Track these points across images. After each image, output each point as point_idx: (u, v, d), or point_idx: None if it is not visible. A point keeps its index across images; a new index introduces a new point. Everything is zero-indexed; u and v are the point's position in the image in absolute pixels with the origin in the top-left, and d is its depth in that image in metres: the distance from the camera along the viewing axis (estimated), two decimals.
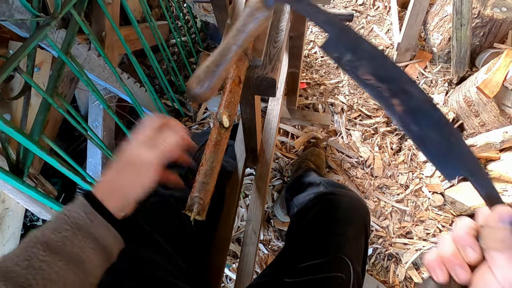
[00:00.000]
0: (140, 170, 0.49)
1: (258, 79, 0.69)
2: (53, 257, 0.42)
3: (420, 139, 0.40)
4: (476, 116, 1.44)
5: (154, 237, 0.67)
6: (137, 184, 0.49)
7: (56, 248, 0.43)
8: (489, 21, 1.45)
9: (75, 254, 0.44)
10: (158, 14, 1.80)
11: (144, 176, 0.50)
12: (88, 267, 0.45)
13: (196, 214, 0.53)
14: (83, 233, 0.45)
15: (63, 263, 0.43)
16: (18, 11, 0.87)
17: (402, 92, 0.40)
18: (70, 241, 0.44)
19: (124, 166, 0.49)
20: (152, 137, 0.52)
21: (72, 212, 0.46)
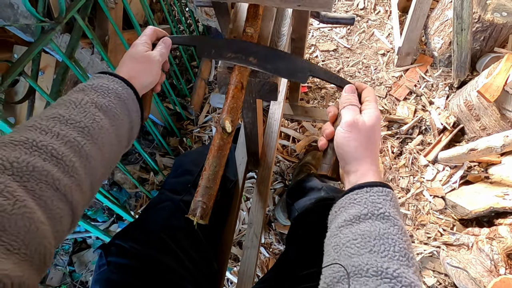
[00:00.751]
0: (150, 63, 0.61)
1: (260, 83, 0.69)
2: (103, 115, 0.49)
3: (276, 70, 0.63)
4: (477, 120, 1.44)
5: (165, 240, 0.68)
6: (149, 72, 0.61)
7: (104, 109, 0.50)
8: (489, 26, 1.46)
9: (116, 119, 0.51)
10: (161, 18, 1.82)
11: (153, 67, 0.62)
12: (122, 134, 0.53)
13: (199, 218, 0.53)
14: (121, 104, 0.53)
15: (110, 124, 0.50)
16: (23, 16, 0.88)
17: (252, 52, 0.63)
18: (114, 106, 0.51)
19: (138, 59, 0.60)
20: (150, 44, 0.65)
21: (109, 84, 0.53)
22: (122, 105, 0.53)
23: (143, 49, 0.62)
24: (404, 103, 1.64)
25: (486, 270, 1.13)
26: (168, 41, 0.67)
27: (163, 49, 0.66)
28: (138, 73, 0.59)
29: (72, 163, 0.41)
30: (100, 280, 0.63)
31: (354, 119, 0.54)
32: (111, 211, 1.48)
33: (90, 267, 1.40)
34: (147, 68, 0.61)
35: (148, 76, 0.61)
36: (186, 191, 0.78)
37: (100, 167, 0.47)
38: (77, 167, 0.42)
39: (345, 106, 0.57)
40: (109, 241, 0.68)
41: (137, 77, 0.59)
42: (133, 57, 0.61)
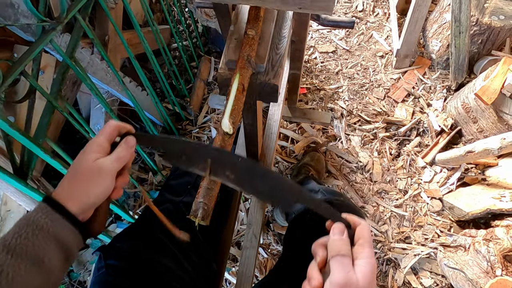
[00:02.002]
0: (99, 175, 0.51)
1: (261, 85, 0.70)
2: (17, 261, 0.43)
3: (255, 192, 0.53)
4: (474, 122, 1.46)
5: (164, 241, 0.68)
6: (96, 190, 0.51)
7: (19, 251, 0.43)
8: (487, 29, 1.47)
9: (37, 255, 0.44)
10: (160, 19, 1.82)
11: (102, 179, 0.51)
12: (51, 267, 0.46)
13: (201, 219, 0.53)
14: (43, 234, 0.46)
15: (27, 265, 0.43)
16: (23, 15, 0.88)
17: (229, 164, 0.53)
18: (31, 243, 0.44)
19: (81, 173, 0.50)
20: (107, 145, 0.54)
21: (32, 215, 0.46)
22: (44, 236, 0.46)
23: (91, 157, 0.51)
24: (402, 105, 1.65)
25: (483, 271, 1.14)
26: (131, 142, 0.55)
27: (123, 152, 0.54)
28: (79, 191, 0.50)
29: None
30: (98, 282, 0.63)
31: (346, 278, 0.44)
32: (109, 211, 1.47)
33: (88, 267, 1.40)
34: (92, 182, 0.50)
35: (94, 192, 0.50)
36: (186, 193, 0.78)
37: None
38: None
39: (334, 257, 0.47)
40: (108, 243, 0.68)
41: (76, 196, 0.49)
42: (75, 169, 0.51)
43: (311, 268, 0.49)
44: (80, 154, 0.52)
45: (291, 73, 1.27)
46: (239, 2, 0.67)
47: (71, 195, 0.49)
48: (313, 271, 0.48)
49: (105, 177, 0.51)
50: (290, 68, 1.25)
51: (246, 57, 0.63)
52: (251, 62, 0.64)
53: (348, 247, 0.48)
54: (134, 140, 0.55)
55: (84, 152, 0.52)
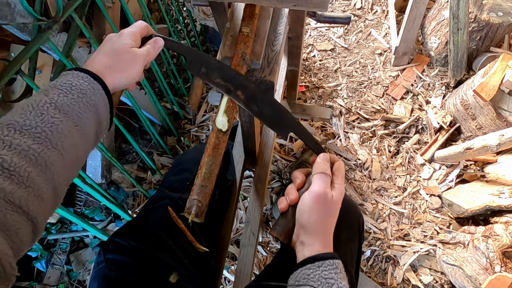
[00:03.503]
0: (133, 61, 0.55)
1: (257, 82, 0.70)
2: (63, 117, 0.45)
3: (260, 114, 0.61)
4: (473, 119, 1.45)
5: (163, 237, 0.69)
6: (129, 71, 0.55)
7: (66, 109, 0.46)
8: (485, 26, 1.47)
9: (80, 118, 0.47)
10: (158, 18, 1.82)
11: (136, 66, 0.55)
12: (88, 134, 0.49)
13: (194, 216, 0.54)
14: (86, 100, 0.48)
15: (71, 123, 0.46)
16: (20, 14, 0.88)
17: (242, 86, 0.60)
18: (77, 105, 0.47)
19: (120, 54, 0.54)
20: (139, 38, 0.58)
21: (73, 81, 0.48)
22: (87, 101, 0.49)
23: (128, 43, 0.55)
24: (401, 102, 1.65)
25: (482, 267, 1.14)
26: (160, 42, 0.60)
27: (152, 49, 0.59)
28: (115, 70, 0.53)
29: (26, 173, 0.39)
30: (98, 277, 0.63)
31: (325, 191, 0.54)
32: (108, 210, 1.48)
33: (88, 266, 1.40)
34: (127, 66, 0.54)
35: (126, 75, 0.55)
36: (185, 189, 0.78)
37: (63, 171, 0.45)
38: (34, 177, 0.40)
39: (319, 173, 0.56)
40: (108, 239, 0.68)
41: (112, 73, 0.53)
42: (114, 50, 0.54)
43: (289, 188, 0.58)
44: (115, 37, 0.56)
45: (289, 70, 1.27)
46: (235, 0, 0.67)
47: (108, 72, 0.52)
48: (291, 189, 0.58)
49: (138, 64, 0.55)
50: (288, 65, 1.25)
51: (240, 54, 0.63)
52: (245, 59, 0.64)
53: (330, 170, 0.58)
54: (162, 41, 0.61)
55: (120, 37, 0.56)
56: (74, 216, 0.94)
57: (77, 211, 1.46)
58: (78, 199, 1.49)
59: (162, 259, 0.67)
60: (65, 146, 0.45)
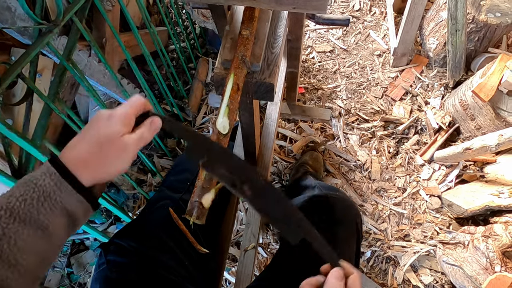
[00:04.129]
0: (124, 151, 0.47)
1: (257, 84, 0.70)
2: (20, 225, 0.41)
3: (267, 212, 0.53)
4: (472, 119, 1.46)
5: (164, 238, 0.69)
6: (117, 166, 0.48)
7: (23, 216, 0.42)
8: (483, 26, 1.47)
9: (42, 222, 0.43)
10: (158, 21, 1.82)
11: (125, 157, 0.48)
12: (54, 235, 0.44)
13: (196, 218, 0.54)
14: (50, 201, 0.43)
15: (30, 231, 0.42)
16: (20, 18, 0.89)
17: (249, 180, 0.52)
18: (36, 210, 0.42)
19: (104, 144, 0.46)
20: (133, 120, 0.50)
21: (39, 179, 0.44)
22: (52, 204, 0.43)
23: (117, 131, 0.46)
24: (400, 103, 1.66)
25: (482, 267, 1.14)
26: (157, 124, 0.51)
27: (147, 132, 0.50)
28: (97, 163, 0.46)
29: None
30: (99, 278, 0.63)
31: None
32: (109, 213, 1.48)
33: (89, 269, 1.40)
34: (116, 158, 0.47)
35: (113, 169, 0.48)
36: (185, 190, 0.78)
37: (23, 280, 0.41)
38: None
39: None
40: (109, 240, 0.69)
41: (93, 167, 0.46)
42: (99, 139, 0.46)
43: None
44: (105, 120, 0.47)
45: (289, 71, 1.28)
46: (234, 3, 0.67)
47: (86, 165, 0.46)
48: None
49: (128, 155, 0.48)
50: (287, 66, 1.26)
51: (240, 57, 0.64)
52: (245, 61, 0.64)
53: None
54: (160, 122, 0.52)
55: (110, 121, 0.47)
56: None
57: None
58: None
59: (163, 260, 0.68)
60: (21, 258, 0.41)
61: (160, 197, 0.79)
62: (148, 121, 0.51)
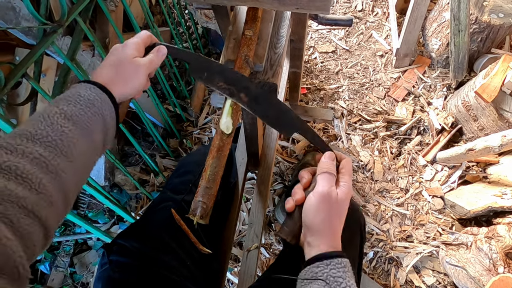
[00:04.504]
0: (136, 71, 0.56)
1: (260, 84, 0.70)
2: (73, 126, 0.47)
3: (264, 116, 0.62)
4: (474, 120, 1.46)
5: (166, 239, 0.69)
6: (133, 81, 0.57)
7: (74, 118, 0.48)
8: (486, 27, 1.47)
9: (89, 129, 0.49)
10: (160, 21, 1.83)
11: (139, 76, 0.57)
12: (95, 141, 0.51)
13: (199, 218, 0.54)
14: (94, 110, 0.50)
15: (80, 132, 0.48)
16: (25, 18, 0.89)
17: (244, 88, 0.61)
18: (86, 115, 0.49)
19: (122, 65, 0.56)
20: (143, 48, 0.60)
21: (80, 91, 0.51)
22: (95, 111, 0.50)
23: (131, 54, 0.57)
24: (402, 104, 1.66)
25: (485, 269, 1.14)
26: (163, 50, 0.62)
27: (155, 57, 0.60)
28: (119, 80, 0.55)
29: (38, 180, 0.41)
30: (102, 278, 0.64)
31: (329, 190, 0.54)
32: (112, 213, 1.48)
33: (91, 269, 1.41)
34: (130, 76, 0.56)
35: (130, 85, 0.57)
36: (188, 191, 0.79)
37: (73, 178, 0.47)
38: (45, 183, 0.42)
39: (323, 173, 0.56)
40: (112, 240, 0.69)
41: (117, 84, 0.55)
42: (118, 61, 0.56)
43: (296, 187, 0.59)
44: (120, 48, 0.57)
45: (292, 71, 1.28)
46: (237, 3, 0.68)
47: (113, 83, 0.54)
48: (297, 189, 0.58)
49: (141, 74, 0.57)
50: (290, 67, 1.26)
51: (244, 57, 0.64)
52: (249, 62, 0.64)
53: (335, 169, 0.58)
54: (165, 49, 0.62)
55: (124, 48, 0.57)
56: (78, 218, 0.95)
57: (80, 213, 1.47)
58: (81, 201, 1.49)
59: (165, 260, 0.68)
60: (75, 154, 0.46)
61: (162, 199, 0.79)
62: (156, 48, 0.61)
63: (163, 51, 0.61)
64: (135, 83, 0.57)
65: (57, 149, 0.44)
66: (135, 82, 0.57)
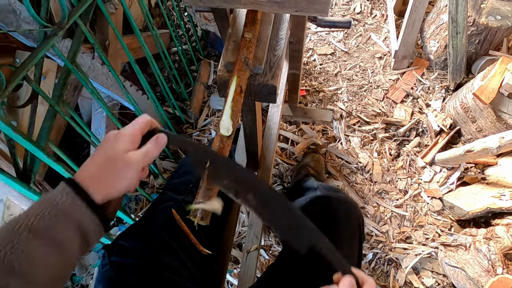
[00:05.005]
0: (127, 169, 0.50)
1: (259, 86, 0.71)
2: (38, 242, 0.43)
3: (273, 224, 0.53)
4: (473, 122, 1.46)
5: (167, 240, 0.69)
6: (123, 182, 0.50)
7: (41, 233, 0.43)
8: (484, 29, 1.48)
9: (58, 239, 0.44)
10: (160, 23, 1.83)
11: (129, 174, 0.50)
12: (70, 253, 0.46)
13: (200, 219, 0.54)
14: (67, 219, 0.46)
15: (48, 248, 0.43)
16: (25, 21, 0.90)
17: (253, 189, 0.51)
18: (54, 226, 0.44)
19: (111, 161, 0.50)
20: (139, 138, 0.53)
21: (55, 197, 0.46)
22: (68, 221, 0.46)
23: (123, 148, 0.50)
24: (401, 105, 1.66)
25: (484, 270, 1.14)
26: (162, 140, 0.54)
27: (153, 148, 0.53)
28: (105, 181, 0.49)
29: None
30: (102, 279, 0.64)
31: None
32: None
33: (91, 271, 1.41)
34: (120, 175, 0.50)
35: (118, 185, 0.50)
36: (188, 192, 0.79)
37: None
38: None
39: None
40: (112, 241, 0.69)
41: (103, 184, 0.49)
42: (106, 158, 0.50)
43: None
44: (112, 139, 0.51)
45: (291, 73, 1.29)
46: (237, 6, 0.68)
47: (97, 183, 0.49)
48: None
49: (133, 171, 0.50)
50: (289, 68, 1.26)
51: (243, 59, 0.64)
52: (248, 64, 0.65)
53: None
54: (165, 139, 0.55)
55: (116, 140, 0.51)
56: None
57: None
58: None
59: (165, 261, 0.68)
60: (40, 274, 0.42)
61: (163, 199, 0.79)
62: (154, 138, 0.54)
63: (162, 141, 0.54)
64: (124, 183, 0.50)
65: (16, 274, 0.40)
66: (123, 182, 0.50)
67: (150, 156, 0.53)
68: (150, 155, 0.53)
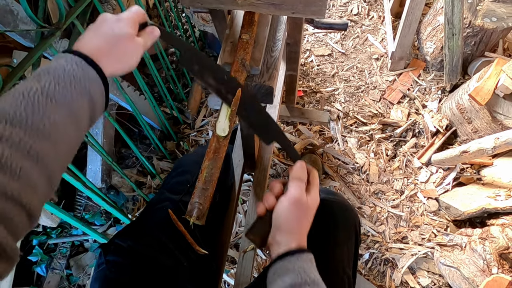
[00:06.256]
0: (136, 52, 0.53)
1: (256, 87, 0.71)
2: (54, 106, 0.43)
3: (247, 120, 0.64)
4: (469, 123, 1.47)
5: (163, 240, 0.70)
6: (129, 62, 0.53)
7: (57, 98, 0.43)
8: (480, 31, 1.49)
9: (73, 107, 0.45)
10: (157, 24, 1.83)
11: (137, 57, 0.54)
12: (81, 123, 0.47)
13: (196, 219, 0.55)
14: (79, 88, 0.45)
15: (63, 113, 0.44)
16: (23, 21, 0.90)
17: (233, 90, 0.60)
18: (70, 93, 0.44)
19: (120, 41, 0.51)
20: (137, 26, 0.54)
21: (65, 66, 0.45)
22: (81, 89, 0.45)
23: (131, 32, 0.51)
24: (397, 106, 1.67)
25: (479, 269, 1.15)
26: (156, 32, 0.57)
27: (148, 40, 0.56)
28: (114, 58, 0.50)
29: (19, 166, 0.38)
30: (98, 278, 0.64)
31: (301, 196, 0.57)
32: (108, 215, 1.48)
33: (88, 271, 1.41)
34: (128, 56, 0.52)
35: (125, 66, 0.52)
36: (185, 191, 0.79)
37: (56, 160, 0.43)
38: (26, 169, 0.39)
39: (295, 179, 0.59)
40: (109, 240, 0.69)
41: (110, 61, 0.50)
42: (114, 37, 0.50)
43: (267, 194, 0.61)
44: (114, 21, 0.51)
45: (288, 74, 1.29)
46: (234, 8, 0.68)
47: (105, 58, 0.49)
48: (269, 195, 0.60)
49: (138, 56, 0.53)
50: (286, 70, 1.27)
51: (240, 60, 0.65)
52: (245, 65, 0.65)
53: (306, 177, 0.61)
54: (158, 31, 0.58)
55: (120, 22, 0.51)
56: (75, 220, 0.95)
57: (77, 215, 1.47)
58: (78, 203, 1.49)
59: (162, 261, 0.68)
60: (58, 136, 0.43)
61: (160, 199, 0.79)
62: (149, 29, 0.57)
63: (156, 33, 0.57)
64: (131, 63, 0.53)
65: (38, 133, 0.41)
66: (131, 63, 0.53)
67: (147, 44, 0.56)
68: (147, 44, 0.55)
